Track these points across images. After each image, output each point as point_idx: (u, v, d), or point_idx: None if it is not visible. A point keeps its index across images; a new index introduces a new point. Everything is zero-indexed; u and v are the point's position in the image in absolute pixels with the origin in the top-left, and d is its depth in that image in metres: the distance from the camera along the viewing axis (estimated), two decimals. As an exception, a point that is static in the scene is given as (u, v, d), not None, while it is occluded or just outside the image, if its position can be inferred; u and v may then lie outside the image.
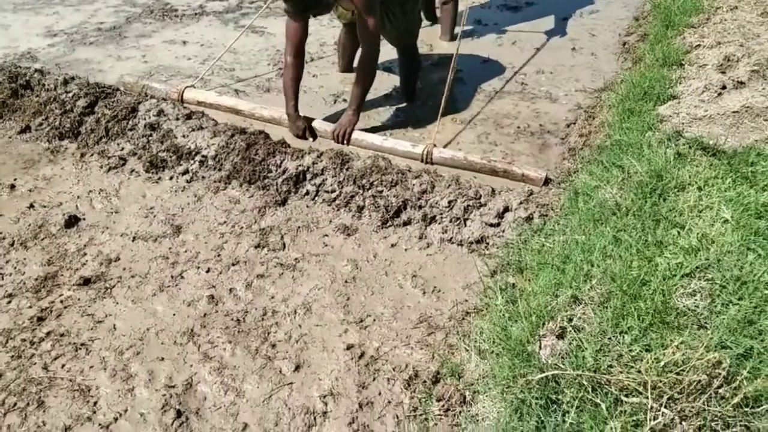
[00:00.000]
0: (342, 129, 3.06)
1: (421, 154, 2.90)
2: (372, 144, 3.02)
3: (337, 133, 3.06)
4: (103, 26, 4.40)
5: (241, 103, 3.32)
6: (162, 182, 2.84)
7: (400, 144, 2.98)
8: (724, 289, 1.71)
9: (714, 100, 2.62)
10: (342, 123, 3.08)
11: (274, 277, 2.29)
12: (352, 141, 3.05)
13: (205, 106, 3.34)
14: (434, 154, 2.89)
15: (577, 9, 4.60)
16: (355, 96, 3.08)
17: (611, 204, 2.19)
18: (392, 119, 3.34)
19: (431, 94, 3.51)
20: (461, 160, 2.86)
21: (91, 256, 2.41)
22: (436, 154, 2.89)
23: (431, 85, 3.64)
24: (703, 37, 3.27)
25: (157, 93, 3.40)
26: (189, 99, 3.37)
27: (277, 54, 4.03)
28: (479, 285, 2.22)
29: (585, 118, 3.16)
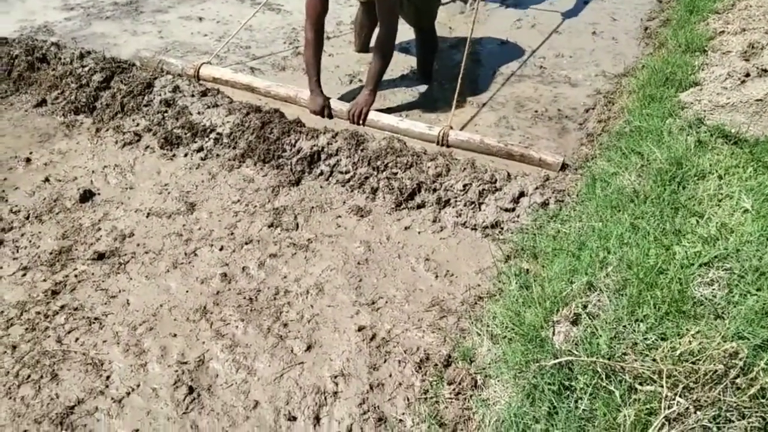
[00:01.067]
0: (358, 108, 3.03)
1: (437, 137, 2.88)
2: (387, 125, 3.00)
3: (353, 113, 3.03)
4: (119, 1, 4.38)
5: (257, 80, 3.31)
6: (176, 159, 2.84)
7: (416, 125, 2.96)
8: (742, 279, 1.68)
9: (737, 87, 2.57)
10: (358, 102, 3.05)
11: (287, 257, 2.29)
12: (367, 121, 3.03)
13: (221, 83, 3.33)
14: (450, 136, 2.87)
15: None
16: (371, 75, 3.05)
17: (629, 191, 2.16)
18: (408, 100, 3.31)
19: (448, 76, 3.48)
20: (477, 143, 2.83)
21: (106, 231, 2.41)
22: (452, 136, 2.87)
23: (449, 66, 3.60)
24: (727, 23, 3.20)
25: (173, 68, 3.40)
26: (205, 75, 3.35)
27: (293, 32, 3.99)
28: (492, 270, 2.20)
29: (604, 103, 3.12)
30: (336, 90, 3.35)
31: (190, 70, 3.36)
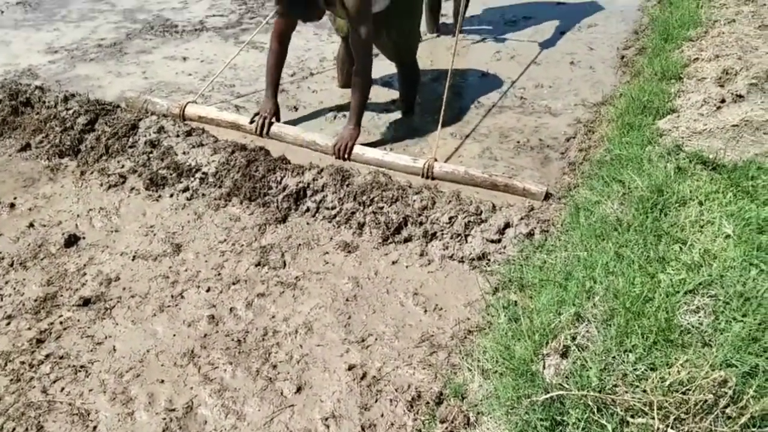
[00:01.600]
0: (343, 143, 3.05)
1: (422, 169, 2.90)
2: (372, 159, 3.01)
3: (338, 147, 3.05)
4: (103, 42, 4.41)
5: (242, 118, 3.33)
6: (162, 200, 2.83)
7: (400, 158, 2.98)
8: (727, 305, 1.70)
9: (713, 113, 2.62)
10: (343, 137, 3.07)
11: (275, 296, 2.28)
12: (352, 155, 3.05)
13: (206, 122, 3.35)
14: (435, 168, 2.89)
15: (574, 23, 4.61)
16: (353, 109, 3.09)
17: (612, 219, 2.19)
18: (392, 133, 3.35)
19: (431, 109, 3.52)
20: (462, 175, 2.86)
21: (91, 275, 2.40)
22: (437, 168, 2.89)
23: (431, 99, 3.65)
24: (701, 50, 3.28)
25: (158, 108, 3.41)
26: (190, 114, 3.38)
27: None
28: (481, 302, 2.20)
29: (585, 132, 3.16)
30: (321, 126, 3.38)
31: (175, 110, 3.38)
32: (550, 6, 4.96)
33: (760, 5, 3.85)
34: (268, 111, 3.24)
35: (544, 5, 4.98)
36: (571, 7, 4.93)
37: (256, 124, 3.23)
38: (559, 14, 4.78)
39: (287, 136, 3.21)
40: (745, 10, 3.75)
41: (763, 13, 3.71)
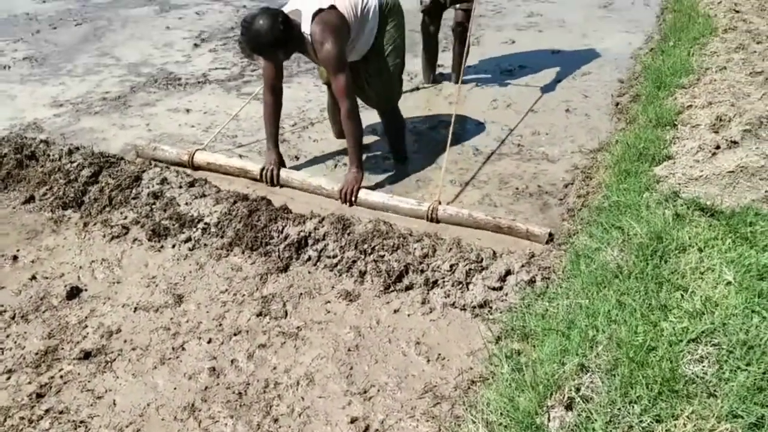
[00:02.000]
0: (348, 187, 3.09)
1: (426, 212, 2.94)
2: (378, 202, 3.07)
3: (344, 192, 3.09)
4: (108, 96, 4.50)
5: (249, 164, 3.40)
6: (164, 250, 2.85)
7: (405, 202, 3.03)
8: (731, 354, 1.69)
9: (709, 160, 2.66)
10: (347, 181, 3.12)
11: (276, 347, 2.27)
12: (358, 200, 3.09)
13: (214, 168, 3.43)
14: (439, 211, 2.93)
15: (569, 71, 4.72)
16: (351, 154, 3.16)
17: (613, 266, 2.20)
18: (393, 180, 3.40)
19: (430, 155, 3.58)
20: (466, 218, 2.90)
21: (92, 328, 2.39)
22: (441, 211, 2.94)
23: (430, 145, 3.71)
24: (694, 97, 3.34)
25: (168, 155, 3.50)
26: (199, 161, 3.45)
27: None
28: (484, 351, 2.19)
29: (582, 178, 3.20)
30: (323, 173, 3.42)
31: (184, 156, 3.46)
32: (545, 55, 5.08)
33: (750, 53, 3.95)
34: (273, 162, 3.30)
35: (539, 54, 5.10)
36: (565, 56, 5.05)
37: (265, 177, 3.29)
38: (554, 63, 4.89)
39: (294, 181, 3.28)
40: (736, 57, 3.84)
41: (753, 60, 3.80)
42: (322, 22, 2.95)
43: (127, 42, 5.63)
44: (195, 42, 5.58)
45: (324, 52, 2.95)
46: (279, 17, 2.90)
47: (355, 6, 3.09)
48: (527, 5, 6.34)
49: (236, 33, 5.78)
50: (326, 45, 2.93)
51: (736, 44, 4.09)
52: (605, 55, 5.03)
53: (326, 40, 2.93)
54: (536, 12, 6.11)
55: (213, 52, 5.36)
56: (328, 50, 2.94)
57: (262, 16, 2.88)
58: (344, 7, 3.03)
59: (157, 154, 3.53)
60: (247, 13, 6.19)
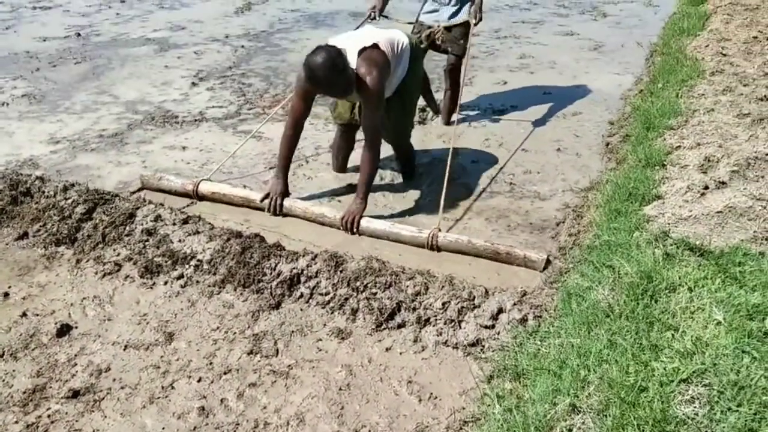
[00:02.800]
0: (350, 216, 3.17)
1: (427, 239, 3.02)
2: (380, 230, 3.15)
3: (347, 221, 3.17)
4: (105, 133, 4.54)
5: (252, 194, 3.48)
6: (156, 287, 2.84)
7: (406, 229, 3.11)
8: (722, 395, 1.69)
9: (698, 200, 2.70)
10: (350, 210, 3.20)
11: (267, 386, 2.25)
12: (360, 228, 3.17)
13: (219, 198, 3.52)
14: (440, 238, 3.01)
15: (560, 111, 4.79)
16: (361, 184, 3.25)
17: (604, 306, 2.21)
18: (391, 212, 3.48)
19: (426, 191, 3.66)
20: (465, 244, 2.98)
21: (81, 366, 2.37)
22: (441, 238, 3.01)
23: (426, 181, 3.78)
24: (683, 138, 3.41)
25: (173, 185, 3.59)
26: (204, 191, 3.53)
27: (273, 158, 4.14)
28: (476, 391, 2.18)
29: (573, 217, 3.23)
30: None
31: (189, 186, 3.54)
32: (537, 95, 5.16)
33: (737, 95, 4.04)
34: (278, 192, 3.38)
35: (531, 94, 5.18)
36: (556, 96, 5.12)
37: (269, 205, 3.37)
38: (545, 103, 4.97)
39: (297, 209, 3.37)
40: (723, 99, 3.93)
41: (740, 103, 3.88)
42: (368, 59, 3.10)
43: (126, 80, 5.71)
44: (193, 81, 5.66)
45: (367, 87, 3.09)
46: (340, 52, 3.04)
47: (393, 45, 3.26)
48: (519, 47, 6.48)
49: (234, 72, 5.89)
50: (369, 80, 3.07)
51: (723, 87, 4.18)
52: (596, 96, 5.12)
53: (371, 76, 3.07)
54: (528, 54, 6.24)
55: (210, 90, 5.44)
56: (372, 86, 3.08)
57: (326, 50, 3.01)
58: (385, 46, 3.20)
59: (162, 184, 3.62)
60: (243, 52, 6.33)
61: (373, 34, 3.28)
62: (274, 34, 7.20)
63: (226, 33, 7.23)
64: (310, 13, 8.23)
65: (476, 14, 4.16)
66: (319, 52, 3.01)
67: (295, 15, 8.11)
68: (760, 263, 2.27)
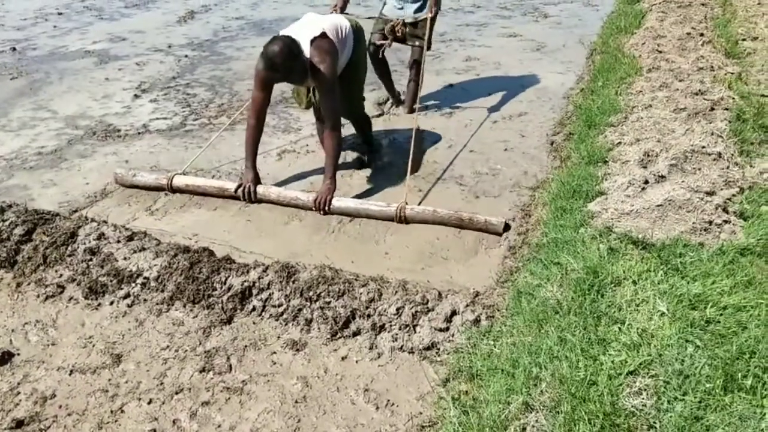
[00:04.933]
0: (322, 197, 3.39)
1: (395, 212, 3.28)
2: (351, 208, 3.39)
3: (319, 201, 3.39)
4: (43, 150, 4.37)
5: (227, 183, 3.64)
6: (102, 308, 2.75)
7: (375, 204, 3.37)
8: (668, 385, 1.74)
9: (639, 194, 2.77)
10: (321, 191, 3.42)
11: (221, 404, 2.20)
12: (331, 208, 3.39)
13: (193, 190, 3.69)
14: (407, 210, 3.28)
15: (506, 112, 4.86)
16: (328, 166, 3.47)
17: (553, 302, 2.24)
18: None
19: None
20: (431, 214, 3.26)
21: (25, 394, 2.28)
22: (408, 210, 3.28)
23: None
24: (623, 134, 3.49)
25: (147, 180, 3.74)
26: (178, 184, 3.69)
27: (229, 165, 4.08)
28: (433, 395, 2.19)
29: (522, 216, 3.28)
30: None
31: (163, 180, 3.70)
32: (483, 96, 5.21)
33: (673, 90, 4.16)
34: (250, 180, 3.57)
35: (477, 96, 5.24)
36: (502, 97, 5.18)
37: (243, 193, 3.55)
38: (492, 104, 5.03)
39: (271, 194, 3.55)
40: (660, 95, 4.05)
41: (676, 98, 4.01)
42: (319, 48, 3.32)
43: (65, 95, 5.52)
44: (135, 93, 5.52)
45: (321, 75, 3.32)
46: (294, 40, 3.25)
47: (338, 31, 3.52)
48: (464, 50, 6.55)
49: (178, 82, 5.77)
50: (323, 68, 3.30)
51: (659, 83, 4.31)
52: (540, 96, 5.22)
53: (323, 64, 3.30)
54: (473, 56, 6.31)
55: (154, 102, 5.31)
56: (325, 73, 3.31)
57: (282, 40, 3.22)
58: (332, 34, 3.44)
59: (136, 180, 3.77)
60: (187, 62, 6.21)
61: (319, 22, 3.48)
62: (219, 43, 7.09)
63: (168, 43, 7.09)
64: (254, 20, 8.14)
65: (432, 8, 4.41)
66: (275, 41, 3.22)
67: (239, 23, 8.01)
68: (700, 254, 2.34)
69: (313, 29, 3.37)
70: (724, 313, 2.02)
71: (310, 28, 3.38)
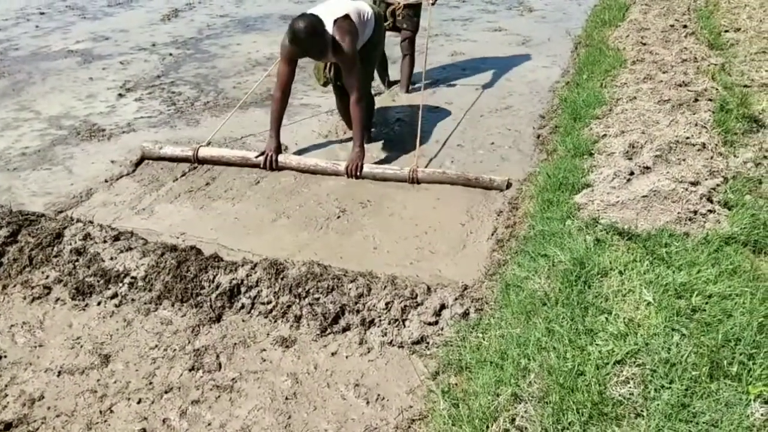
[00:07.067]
0: (354, 163, 3.73)
1: (408, 174, 3.65)
2: (370, 173, 3.75)
3: (351, 168, 3.72)
4: (27, 151, 4.33)
5: (249, 153, 3.94)
6: (89, 309, 2.73)
7: (390, 169, 3.76)
8: (654, 373, 1.76)
9: (624, 186, 2.79)
10: (352, 158, 3.77)
11: (211, 402, 2.20)
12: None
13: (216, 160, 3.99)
14: (418, 172, 3.65)
15: (492, 106, 4.87)
16: (356, 134, 3.83)
17: (541, 294, 2.26)
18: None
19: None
20: (440, 175, 3.65)
21: (13, 397, 2.26)
22: (420, 172, 3.66)
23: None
24: (608, 127, 3.52)
25: (172, 152, 4.03)
26: (204, 155, 3.99)
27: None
28: (423, 388, 2.19)
29: (509, 209, 3.29)
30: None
31: (189, 152, 3.99)
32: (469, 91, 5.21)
33: (657, 82, 4.20)
34: (273, 149, 3.89)
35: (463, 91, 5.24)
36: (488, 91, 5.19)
37: (264, 160, 3.87)
38: (478, 98, 5.04)
39: (291, 162, 3.89)
40: (644, 87, 4.08)
41: (660, 89, 4.04)
42: (341, 27, 3.64)
43: (48, 95, 5.47)
44: (120, 92, 5.48)
45: (342, 52, 3.64)
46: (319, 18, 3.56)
47: (360, 14, 3.85)
48: (450, 45, 6.56)
49: (163, 81, 5.73)
50: (345, 45, 3.62)
51: (644, 75, 4.34)
52: (526, 89, 5.23)
53: (345, 41, 3.62)
54: (458, 51, 6.32)
55: (138, 101, 5.27)
56: (348, 49, 3.64)
57: (308, 17, 3.52)
58: (354, 17, 3.76)
59: (163, 153, 4.05)
60: (171, 60, 6.17)
61: (344, 5, 3.80)
62: (203, 41, 7.05)
63: (152, 41, 7.03)
64: (239, 17, 8.09)
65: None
66: (302, 18, 3.53)
67: (224, 20, 7.96)
68: (685, 243, 2.37)
69: (337, 11, 3.70)
70: (710, 301, 2.05)
71: (336, 10, 3.70)
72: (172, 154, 4.04)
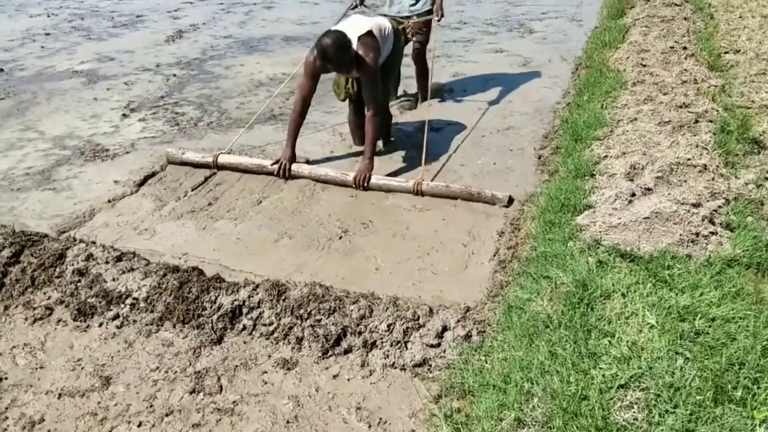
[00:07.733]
0: (361, 175, 3.84)
1: (413, 186, 3.74)
2: (376, 184, 3.84)
3: (359, 180, 3.83)
4: (31, 171, 4.35)
5: (265, 161, 4.13)
6: (91, 330, 2.73)
7: (396, 181, 3.87)
8: (659, 398, 1.75)
9: (626, 207, 2.79)
10: (360, 170, 3.88)
11: (211, 425, 2.19)
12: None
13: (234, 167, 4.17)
14: (423, 186, 3.74)
15: (494, 127, 4.89)
16: (367, 147, 3.94)
17: (543, 317, 2.25)
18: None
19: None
20: (444, 189, 3.74)
21: (13, 419, 2.25)
22: (425, 185, 3.74)
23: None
24: (609, 148, 3.53)
25: (193, 158, 4.24)
26: (223, 162, 4.17)
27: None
28: (425, 412, 2.18)
29: (511, 230, 3.29)
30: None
31: (209, 159, 4.19)
32: (471, 112, 5.25)
33: (657, 103, 4.22)
34: (287, 158, 4.02)
35: (465, 111, 5.27)
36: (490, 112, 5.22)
37: (278, 169, 4.00)
38: (479, 119, 5.07)
39: (304, 171, 4.03)
40: (645, 108, 4.10)
41: (661, 111, 4.06)
42: (365, 44, 3.81)
43: (53, 115, 5.50)
44: (124, 112, 5.51)
45: (365, 66, 3.80)
46: (345, 34, 3.72)
47: (381, 30, 4.00)
48: (452, 66, 6.60)
49: (166, 101, 5.77)
50: (368, 60, 3.79)
51: (644, 96, 4.36)
52: (527, 111, 5.26)
53: (368, 57, 3.79)
54: (460, 72, 6.36)
55: (142, 121, 5.30)
56: (370, 65, 3.80)
57: (335, 33, 3.69)
58: (377, 33, 3.91)
59: (185, 158, 4.26)
60: (175, 81, 6.22)
61: (366, 22, 3.96)
62: (207, 61, 7.11)
63: (157, 62, 7.09)
64: (242, 38, 8.17)
65: (438, 12, 4.81)
66: (329, 34, 3.69)
67: (227, 41, 8.03)
68: (687, 265, 2.36)
69: (360, 28, 3.85)
70: (713, 324, 2.04)
71: (359, 27, 3.86)
72: (193, 159, 4.23)
